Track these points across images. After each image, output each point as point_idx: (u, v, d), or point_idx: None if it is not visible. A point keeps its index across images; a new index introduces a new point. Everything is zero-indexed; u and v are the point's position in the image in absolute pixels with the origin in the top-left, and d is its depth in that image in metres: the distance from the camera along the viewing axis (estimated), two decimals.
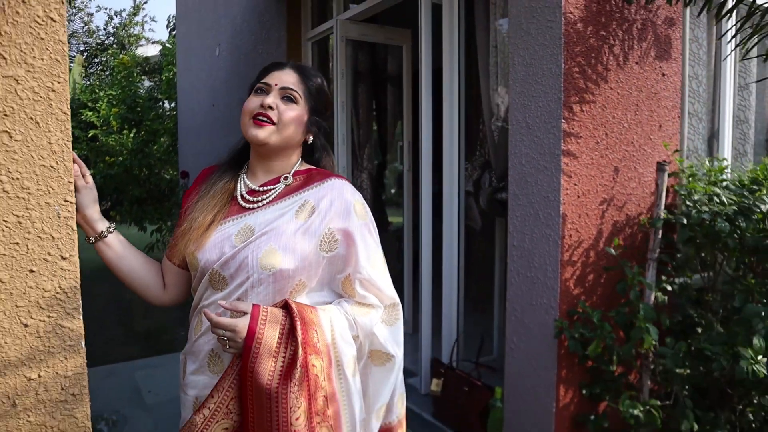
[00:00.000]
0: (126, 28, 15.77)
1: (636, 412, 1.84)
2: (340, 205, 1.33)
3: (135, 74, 9.99)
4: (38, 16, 1.10)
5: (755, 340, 1.68)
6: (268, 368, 1.19)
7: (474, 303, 3.23)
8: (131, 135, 8.95)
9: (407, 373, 3.34)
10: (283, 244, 1.27)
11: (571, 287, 2.16)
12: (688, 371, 1.91)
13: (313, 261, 1.28)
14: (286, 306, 1.24)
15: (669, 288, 2.15)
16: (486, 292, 3.22)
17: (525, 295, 2.26)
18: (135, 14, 15.99)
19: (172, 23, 13.11)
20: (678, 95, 2.53)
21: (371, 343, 1.34)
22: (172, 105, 10.98)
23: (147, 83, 12.85)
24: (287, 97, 1.31)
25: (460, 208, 2.89)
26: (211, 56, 6.17)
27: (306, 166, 1.42)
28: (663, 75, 2.45)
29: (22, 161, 1.10)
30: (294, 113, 1.31)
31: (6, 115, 1.08)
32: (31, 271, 1.14)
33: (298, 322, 1.21)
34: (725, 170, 2.27)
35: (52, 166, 1.13)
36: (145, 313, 5.57)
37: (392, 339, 1.36)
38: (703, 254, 2.15)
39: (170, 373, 3.93)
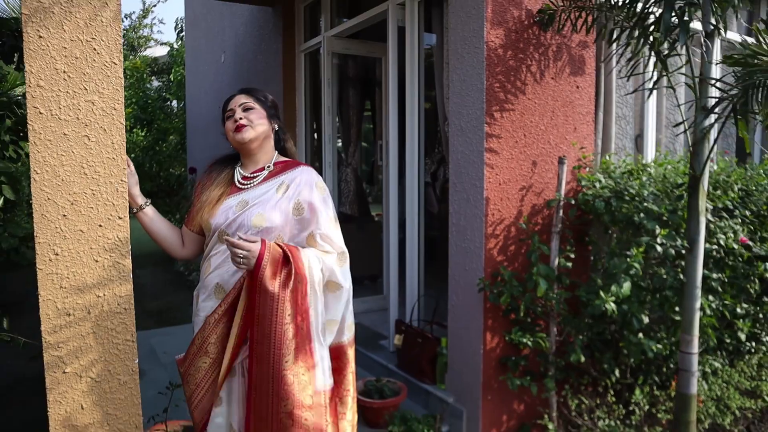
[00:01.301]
0: (136, 30, 16.44)
1: (525, 339, 2.46)
2: (306, 184, 1.97)
3: (145, 76, 10.63)
4: (106, 62, 1.73)
5: (613, 288, 2.29)
6: (271, 279, 1.80)
7: (433, 274, 3.84)
8: (142, 134, 9.60)
9: (378, 336, 3.98)
10: (267, 210, 1.91)
11: (495, 255, 2.78)
12: (575, 317, 2.52)
13: (288, 222, 1.92)
14: (279, 245, 1.88)
15: (572, 255, 2.76)
16: (442, 265, 3.84)
17: (461, 262, 2.88)
18: (144, 17, 16.65)
19: (180, 25, 13.64)
20: (592, 103, 3.14)
21: (330, 275, 1.96)
22: (180, 105, 11.63)
23: (156, 83, 13.46)
24: (246, 108, 1.96)
25: (420, 196, 3.52)
26: (217, 62, 6.81)
27: (282, 159, 2.06)
28: (577, 87, 3.05)
29: (96, 154, 1.73)
30: (256, 114, 1.96)
31: (86, 125, 1.71)
32: (100, 225, 1.77)
33: (290, 254, 1.83)
34: (613, 164, 2.87)
35: (113, 158, 1.77)
36: (156, 294, 6.21)
37: (342, 274, 1.98)
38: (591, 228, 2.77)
39: (180, 339, 4.55)
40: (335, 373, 2.03)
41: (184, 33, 12.66)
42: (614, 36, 2.72)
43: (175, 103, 12.49)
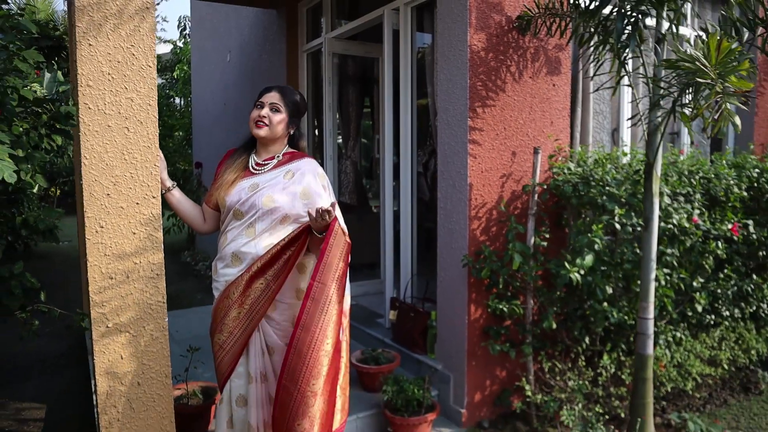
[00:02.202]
0: None
1: (501, 306, 2.80)
2: (310, 173, 2.31)
3: None
4: (142, 66, 2.06)
5: (578, 260, 2.62)
6: (342, 238, 2.16)
7: (425, 256, 4.17)
8: None
9: (376, 315, 4.32)
10: (275, 193, 2.25)
11: (478, 235, 3.12)
12: (549, 290, 2.85)
13: (294, 204, 2.25)
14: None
15: (547, 236, 3.10)
16: (433, 248, 4.18)
17: (447, 242, 3.22)
18: None
19: (183, 24, 13.90)
20: (568, 99, 3.46)
21: None
22: (185, 102, 11.96)
23: (159, 81, 13.76)
24: (274, 108, 2.28)
25: (413, 184, 3.85)
26: (223, 61, 7.14)
27: (290, 150, 2.39)
28: (554, 85, 3.38)
29: (134, 143, 2.07)
30: (278, 118, 2.28)
31: (126, 118, 2.05)
32: (137, 203, 2.11)
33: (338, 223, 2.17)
34: (586, 154, 3.20)
35: (148, 146, 2.11)
36: (166, 282, 6.55)
37: None
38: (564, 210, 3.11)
39: (189, 321, 4.90)
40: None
41: (189, 32, 12.99)
42: (583, 40, 3.05)
43: (178, 100, 12.82)
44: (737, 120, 1.87)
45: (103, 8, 1.97)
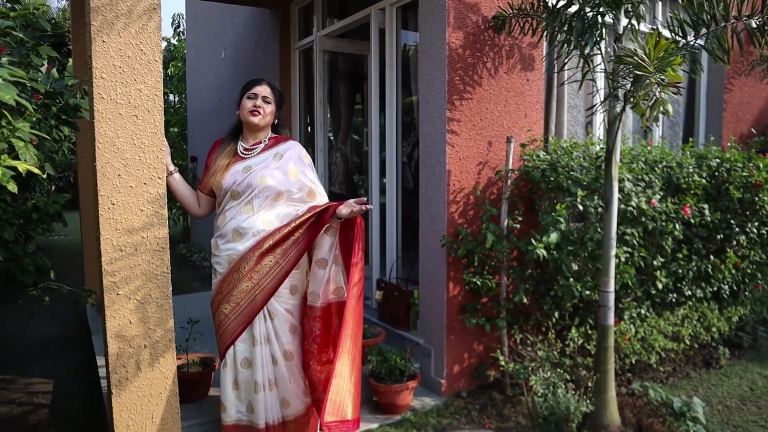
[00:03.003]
0: None
1: (475, 279, 3.07)
2: (296, 154, 2.58)
3: None
4: (150, 60, 2.31)
5: (544, 238, 2.88)
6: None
7: (410, 240, 4.43)
8: None
9: (364, 297, 4.57)
10: (268, 173, 2.51)
11: (456, 218, 3.38)
12: (521, 269, 3.12)
13: (286, 183, 2.52)
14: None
15: (520, 219, 3.36)
16: (417, 232, 4.44)
17: (428, 225, 3.48)
18: None
19: (177, 21, 14.06)
20: (541, 93, 3.73)
21: None
22: (179, 98, 12.16)
23: None
24: (266, 100, 2.55)
25: (397, 173, 4.11)
26: (217, 58, 7.37)
27: (274, 135, 2.67)
28: (528, 80, 3.65)
29: (142, 129, 2.32)
30: (270, 109, 2.56)
31: (135, 107, 2.29)
32: (145, 183, 2.35)
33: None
34: (558, 144, 3.47)
35: (155, 132, 2.35)
36: None
37: None
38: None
39: (185, 306, 5.07)
40: None
41: (183, 30, 13.18)
42: (553, 38, 3.31)
43: (172, 97, 13.02)
44: (669, 107, 2.14)
45: (114, 8, 2.21)
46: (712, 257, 3.77)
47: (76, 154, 4.73)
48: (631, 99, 2.35)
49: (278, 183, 2.52)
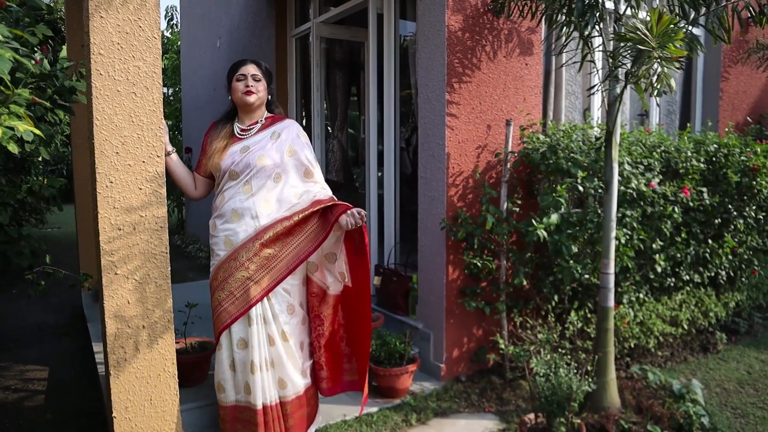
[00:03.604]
0: None
1: (475, 261, 3.06)
2: (293, 133, 2.58)
3: None
4: (148, 37, 2.28)
5: (544, 219, 2.88)
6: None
7: (408, 225, 4.42)
8: None
9: None
10: (266, 152, 2.49)
11: (455, 201, 3.37)
12: (520, 252, 3.11)
13: (284, 162, 2.50)
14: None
15: (519, 202, 3.35)
16: (416, 217, 4.43)
17: (427, 209, 3.47)
18: None
19: (170, 14, 13.96)
20: (539, 78, 3.72)
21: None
22: (171, 91, 12.08)
23: None
24: (255, 78, 2.53)
25: (395, 159, 4.10)
26: (212, 47, 7.31)
27: (270, 115, 2.65)
28: (526, 65, 3.63)
29: (141, 106, 2.29)
30: (262, 86, 2.55)
31: (134, 84, 2.26)
32: (143, 162, 2.33)
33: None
34: (556, 128, 3.47)
35: (153, 110, 2.32)
36: None
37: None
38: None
39: (179, 294, 5.05)
40: None
41: (176, 23, 13.09)
42: (553, 20, 3.30)
43: (166, 90, 12.92)
44: (672, 82, 2.13)
45: None
46: (710, 242, 3.78)
47: (71, 142, 4.68)
48: (632, 77, 2.34)
49: (276, 162, 2.50)
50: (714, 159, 3.85)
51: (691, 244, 3.71)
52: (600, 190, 2.89)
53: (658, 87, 2.13)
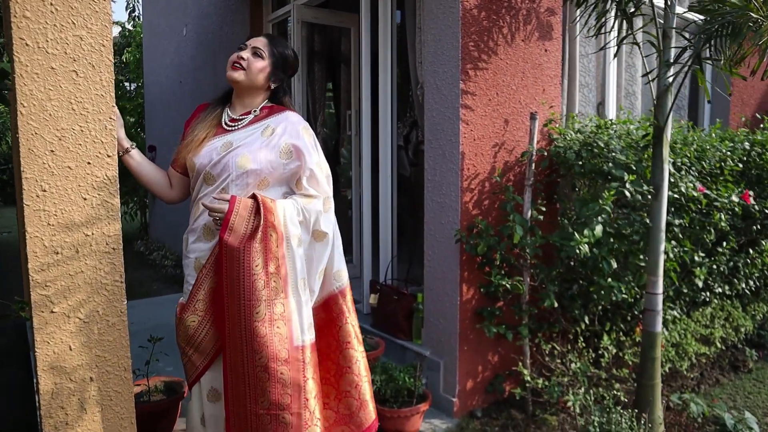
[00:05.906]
0: None
1: (504, 282, 2.57)
2: (292, 128, 1.99)
3: None
4: None
5: (586, 231, 2.41)
6: (240, 233, 1.83)
7: (406, 235, 3.92)
8: None
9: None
10: (252, 152, 1.93)
11: (470, 208, 2.87)
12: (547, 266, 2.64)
13: (275, 165, 1.94)
14: (254, 197, 1.89)
15: (543, 209, 2.88)
16: (415, 226, 3.92)
17: (436, 216, 2.96)
18: None
19: (132, 4, 13.21)
20: (559, 66, 3.25)
21: (315, 223, 1.99)
22: (135, 86, 11.31)
23: None
24: (256, 53, 1.96)
25: (392, 159, 3.58)
26: (178, 36, 6.66)
27: (269, 104, 2.07)
28: (546, 51, 3.16)
29: (84, 90, 1.72)
30: (259, 65, 1.96)
31: (75, 60, 1.69)
32: (89, 163, 1.76)
33: (262, 207, 1.86)
34: (580, 122, 3.00)
35: (101, 95, 1.76)
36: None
37: (325, 221, 2.02)
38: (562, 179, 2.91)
39: (143, 311, 4.47)
40: (327, 325, 2.05)
41: (139, 13, 12.30)
42: None
43: (128, 85, 12.13)
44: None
45: None
46: (751, 251, 3.38)
47: (11, 136, 4.02)
48: (706, 61, 1.88)
49: (262, 166, 1.91)
50: (747, 158, 3.45)
51: (727, 253, 3.30)
52: (650, 195, 2.44)
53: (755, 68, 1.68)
